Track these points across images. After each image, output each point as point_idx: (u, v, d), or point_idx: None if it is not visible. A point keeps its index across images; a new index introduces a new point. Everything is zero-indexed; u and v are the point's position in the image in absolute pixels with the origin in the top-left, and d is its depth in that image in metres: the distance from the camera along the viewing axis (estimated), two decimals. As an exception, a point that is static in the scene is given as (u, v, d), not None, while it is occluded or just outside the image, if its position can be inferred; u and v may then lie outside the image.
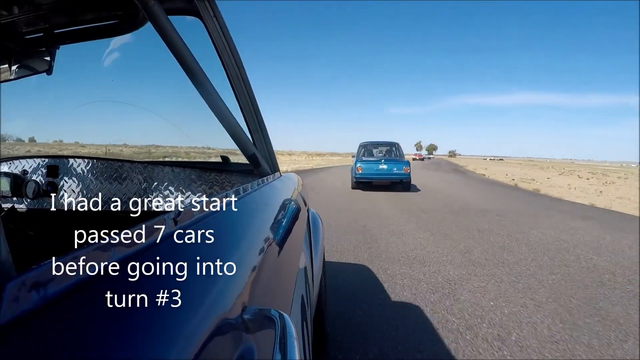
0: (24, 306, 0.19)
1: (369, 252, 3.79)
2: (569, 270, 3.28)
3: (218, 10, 0.92)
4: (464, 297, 2.65)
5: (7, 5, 0.94)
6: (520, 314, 2.39)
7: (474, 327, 2.20)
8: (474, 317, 2.33)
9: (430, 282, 2.95)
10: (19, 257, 1.09)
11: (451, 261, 3.51)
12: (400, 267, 3.32)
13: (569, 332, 2.14)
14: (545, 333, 2.13)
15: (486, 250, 3.90)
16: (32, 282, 0.20)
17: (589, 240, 4.47)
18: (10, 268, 0.22)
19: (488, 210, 6.66)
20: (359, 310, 2.39)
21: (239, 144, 1.03)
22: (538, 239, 4.47)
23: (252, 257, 0.55)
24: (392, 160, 10.37)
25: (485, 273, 3.18)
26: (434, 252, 3.82)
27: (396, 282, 2.92)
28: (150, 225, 0.34)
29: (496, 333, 2.13)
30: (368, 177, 9.94)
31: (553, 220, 5.78)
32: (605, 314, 2.39)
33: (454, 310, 2.42)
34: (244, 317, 0.41)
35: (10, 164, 1.49)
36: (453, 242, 4.24)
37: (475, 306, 2.50)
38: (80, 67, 1.58)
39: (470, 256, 3.69)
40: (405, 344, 2.00)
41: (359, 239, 4.29)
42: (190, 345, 0.29)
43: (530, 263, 3.49)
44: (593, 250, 4.01)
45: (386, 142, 11.70)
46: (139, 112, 1.35)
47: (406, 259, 3.56)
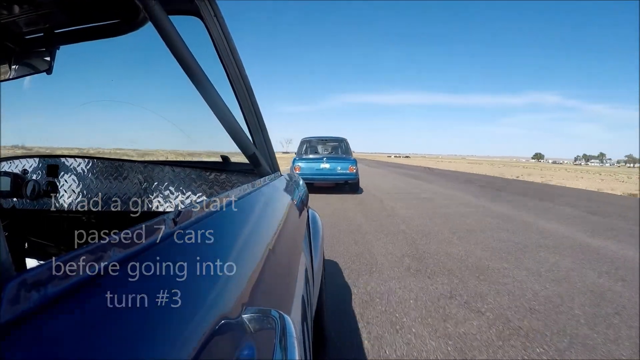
0: (23, 306, 0.19)
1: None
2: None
3: (219, 10, 0.92)
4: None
5: (7, 4, 0.94)
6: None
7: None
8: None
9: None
10: (19, 257, 1.10)
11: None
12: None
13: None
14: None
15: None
16: (31, 282, 0.20)
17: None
18: (10, 268, 0.22)
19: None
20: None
21: (239, 144, 1.02)
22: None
23: (252, 257, 0.55)
24: (336, 158, 8.97)
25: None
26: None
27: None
28: (150, 225, 0.34)
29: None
30: (308, 178, 8.25)
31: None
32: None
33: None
34: (244, 317, 0.41)
35: (11, 164, 1.49)
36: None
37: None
38: (81, 67, 1.58)
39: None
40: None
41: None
42: (190, 345, 0.29)
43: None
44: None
45: (333, 137, 10.11)
46: (139, 112, 1.34)
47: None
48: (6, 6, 0.94)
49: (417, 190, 10.53)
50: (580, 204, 8.47)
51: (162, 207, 1.48)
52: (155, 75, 1.80)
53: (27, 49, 1.16)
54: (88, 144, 2.08)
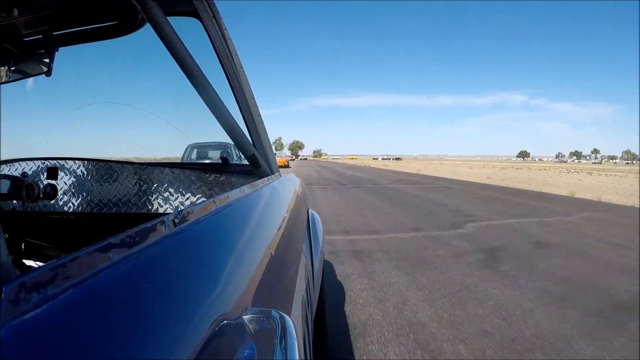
0: (23, 308, 0.19)
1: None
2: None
3: (217, 11, 0.92)
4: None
5: (6, 7, 0.94)
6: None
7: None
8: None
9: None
10: (19, 259, 1.10)
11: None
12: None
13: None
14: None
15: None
16: (31, 284, 0.20)
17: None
18: (10, 269, 0.22)
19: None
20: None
21: (239, 145, 1.02)
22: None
23: (252, 258, 0.55)
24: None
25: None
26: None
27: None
28: (150, 227, 0.34)
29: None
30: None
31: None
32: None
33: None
34: (244, 318, 0.41)
35: (10, 166, 1.49)
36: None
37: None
38: (80, 68, 1.58)
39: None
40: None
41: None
42: (191, 346, 0.29)
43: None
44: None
45: (220, 143, 8.92)
46: (138, 113, 1.34)
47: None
48: (5, 8, 0.94)
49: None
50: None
51: (162, 208, 1.48)
52: (154, 76, 1.80)
53: (26, 51, 1.16)
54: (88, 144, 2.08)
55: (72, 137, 2.05)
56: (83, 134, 1.78)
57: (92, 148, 2.03)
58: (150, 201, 1.48)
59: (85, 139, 2.00)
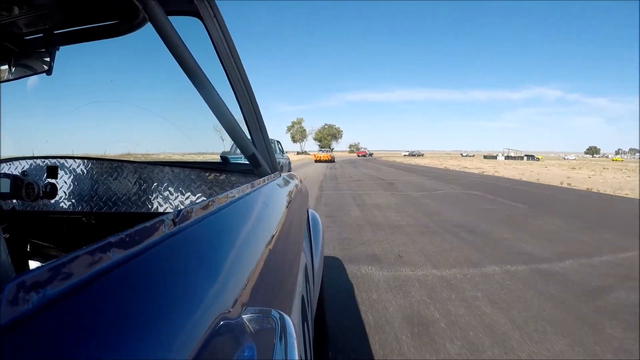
0: (23, 307, 0.19)
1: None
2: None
3: (218, 10, 0.92)
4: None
5: (6, 5, 0.94)
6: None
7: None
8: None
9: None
10: (21, 259, 1.10)
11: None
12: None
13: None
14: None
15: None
16: (31, 283, 0.20)
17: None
18: (9, 269, 0.22)
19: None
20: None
21: (239, 144, 1.02)
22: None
23: (252, 257, 0.55)
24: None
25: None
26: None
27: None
28: (150, 226, 0.34)
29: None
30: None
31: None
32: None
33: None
34: (244, 317, 0.41)
35: (10, 165, 1.49)
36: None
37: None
38: (80, 67, 1.58)
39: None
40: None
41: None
42: (191, 345, 0.29)
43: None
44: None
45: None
46: (139, 113, 1.34)
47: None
48: (5, 7, 0.94)
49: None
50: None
51: (161, 207, 1.48)
52: (154, 75, 1.80)
53: (27, 50, 1.16)
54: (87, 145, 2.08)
55: (72, 136, 2.05)
56: (83, 133, 1.78)
57: (92, 147, 2.03)
58: (150, 200, 1.48)
59: (85, 137, 2.00)
